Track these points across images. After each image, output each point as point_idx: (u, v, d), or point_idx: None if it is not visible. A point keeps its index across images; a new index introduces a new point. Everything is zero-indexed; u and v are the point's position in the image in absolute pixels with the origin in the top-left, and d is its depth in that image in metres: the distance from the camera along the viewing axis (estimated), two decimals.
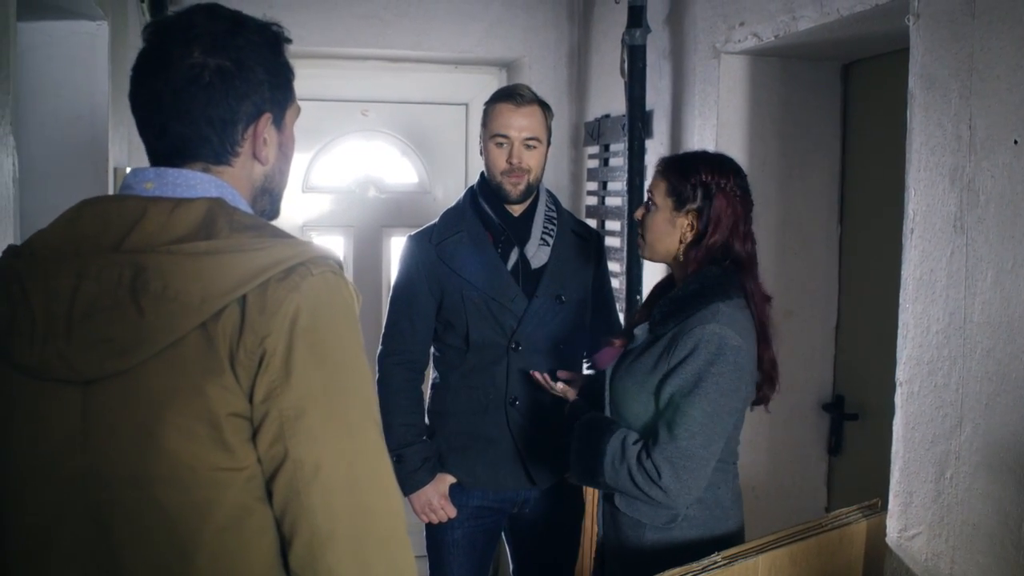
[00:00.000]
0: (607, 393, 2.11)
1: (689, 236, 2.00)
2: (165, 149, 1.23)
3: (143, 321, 1.09)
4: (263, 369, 1.10)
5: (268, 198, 1.34)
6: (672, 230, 2.02)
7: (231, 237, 1.13)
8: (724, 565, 1.77)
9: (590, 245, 2.62)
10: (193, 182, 1.21)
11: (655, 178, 2.08)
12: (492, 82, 4.29)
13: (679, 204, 2.00)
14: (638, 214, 2.11)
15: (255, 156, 1.28)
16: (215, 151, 1.23)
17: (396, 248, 4.22)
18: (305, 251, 1.15)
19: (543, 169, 2.49)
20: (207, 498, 1.11)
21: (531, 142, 2.42)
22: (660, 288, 2.18)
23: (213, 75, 1.20)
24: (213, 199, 1.19)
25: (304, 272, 1.13)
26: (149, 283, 1.09)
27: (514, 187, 2.43)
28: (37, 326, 1.12)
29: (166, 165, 1.23)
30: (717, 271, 1.97)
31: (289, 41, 1.32)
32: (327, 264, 1.16)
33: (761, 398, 2.06)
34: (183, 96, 1.20)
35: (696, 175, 1.99)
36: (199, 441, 1.10)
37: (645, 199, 2.13)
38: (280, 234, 1.18)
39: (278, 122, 1.30)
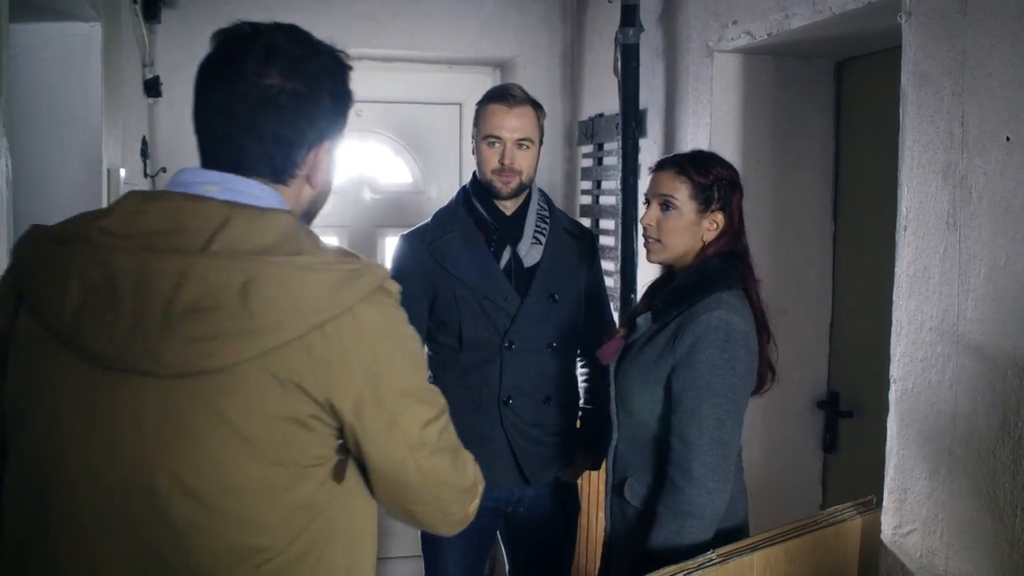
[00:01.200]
0: (612, 386, 2.11)
1: (712, 235, 2.02)
2: (225, 158, 1.26)
3: (251, 325, 1.13)
4: (358, 378, 1.20)
5: (307, 220, 1.39)
6: (697, 231, 2.03)
7: (319, 254, 1.20)
8: (719, 563, 1.77)
9: (583, 244, 2.62)
10: (259, 193, 1.25)
11: (670, 181, 2.04)
12: (486, 81, 4.29)
13: (705, 206, 2.02)
14: (651, 219, 2.07)
15: (308, 180, 1.33)
16: (275, 170, 1.28)
17: (390, 248, 4.22)
18: (380, 271, 1.24)
19: (535, 168, 2.49)
20: (281, 486, 1.20)
21: (523, 143, 2.42)
22: (659, 281, 2.19)
23: (289, 98, 1.25)
24: (288, 212, 1.25)
25: (385, 291, 1.25)
26: (261, 290, 1.14)
27: (504, 185, 2.43)
28: (123, 317, 1.14)
29: (222, 171, 1.26)
30: (717, 262, 2.00)
31: (351, 68, 1.36)
32: (392, 281, 1.27)
33: (760, 388, 2.07)
34: (258, 114, 1.24)
35: (715, 175, 2.01)
36: (279, 439, 1.18)
37: (646, 201, 2.11)
38: (348, 253, 1.26)
39: (332, 149, 1.36)
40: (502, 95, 2.44)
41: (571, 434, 2.60)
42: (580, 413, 2.67)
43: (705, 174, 2.02)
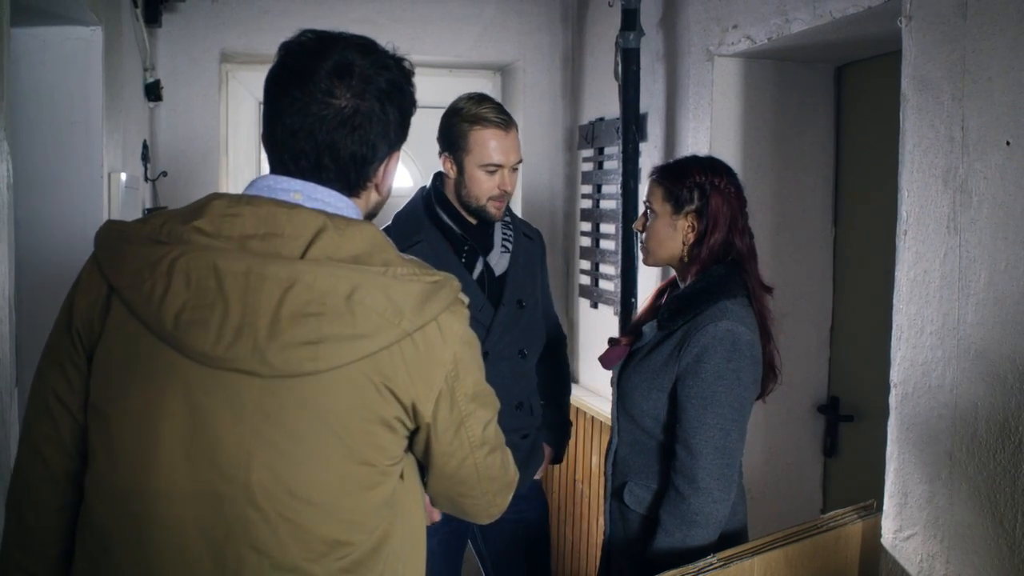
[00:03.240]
0: (614, 391, 2.13)
1: (691, 237, 2.04)
2: (300, 170, 1.30)
3: (354, 331, 1.19)
4: (439, 382, 1.28)
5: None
6: (674, 233, 2.06)
7: (406, 266, 1.26)
8: (720, 567, 1.77)
9: (538, 247, 2.63)
10: (339, 204, 1.30)
11: (651, 187, 2.11)
12: (487, 86, 4.30)
13: (677, 207, 2.04)
14: (638, 225, 2.15)
15: (377, 188, 1.38)
16: (350, 184, 1.32)
17: None
18: (455, 283, 1.31)
19: None
20: (368, 484, 1.27)
21: (517, 165, 2.41)
22: (665, 289, 2.21)
23: (363, 118, 1.29)
24: (372, 224, 1.30)
25: (460, 302, 1.32)
26: (365, 298, 1.20)
27: (498, 211, 2.40)
28: (231, 319, 1.18)
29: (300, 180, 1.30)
30: (722, 270, 2.01)
31: (414, 73, 1.40)
32: (463, 293, 1.34)
33: (762, 390, 2.08)
34: (334, 135, 1.28)
35: (690, 177, 2.03)
36: (369, 440, 1.25)
37: (642, 210, 2.16)
38: (424, 264, 1.32)
39: (398, 157, 1.41)
40: (492, 119, 2.37)
41: (538, 434, 2.61)
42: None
43: (677, 177, 2.05)
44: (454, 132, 2.42)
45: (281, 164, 1.30)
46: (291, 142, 1.28)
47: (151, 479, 1.20)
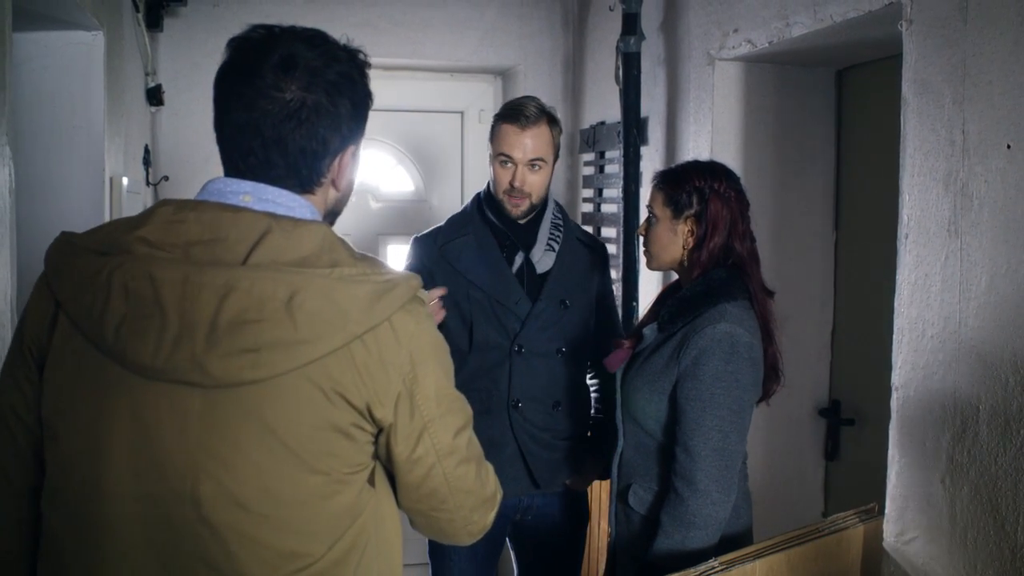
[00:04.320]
0: (618, 394, 2.14)
1: (691, 241, 2.06)
2: (251, 169, 1.27)
3: (296, 337, 1.15)
4: (396, 385, 1.24)
5: (331, 219, 1.39)
6: (675, 238, 2.08)
7: (356, 265, 1.22)
8: (722, 570, 1.77)
9: (595, 254, 2.64)
10: (291, 203, 1.26)
11: (652, 192, 2.13)
12: (488, 90, 4.30)
13: (677, 212, 2.06)
14: (640, 230, 2.18)
15: (334, 184, 1.34)
16: (302, 181, 1.28)
17: (393, 256, 4.24)
18: (413, 281, 1.27)
19: (548, 186, 2.49)
20: (323, 493, 1.22)
21: (536, 163, 2.42)
22: (668, 292, 2.22)
23: (311, 111, 1.25)
24: (323, 224, 1.27)
25: (418, 301, 1.28)
26: (305, 302, 1.15)
27: (515, 207, 2.44)
28: (168, 329, 1.15)
29: (250, 180, 1.27)
30: (723, 273, 2.02)
31: (370, 66, 1.36)
32: (423, 291, 1.31)
33: (765, 392, 2.09)
34: (281, 130, 1.24)
35: (688, 182, 2.05)
36: (321, 448, 1.20)
37: (644, 215, 2.19)
38: (379, 262, 1.28)
39: (355, 152, 1.37)
40: (515, 115, 2.43)
41: (581, 441, 2.60)
42: (590, 422, 2.67)
43: (676, 182, 2.08)
44: (491, 129, 2.52)
45: (231, 163, 1.28)
46: (239, 138, 1.25)
47: (99, 492, 1.19)
